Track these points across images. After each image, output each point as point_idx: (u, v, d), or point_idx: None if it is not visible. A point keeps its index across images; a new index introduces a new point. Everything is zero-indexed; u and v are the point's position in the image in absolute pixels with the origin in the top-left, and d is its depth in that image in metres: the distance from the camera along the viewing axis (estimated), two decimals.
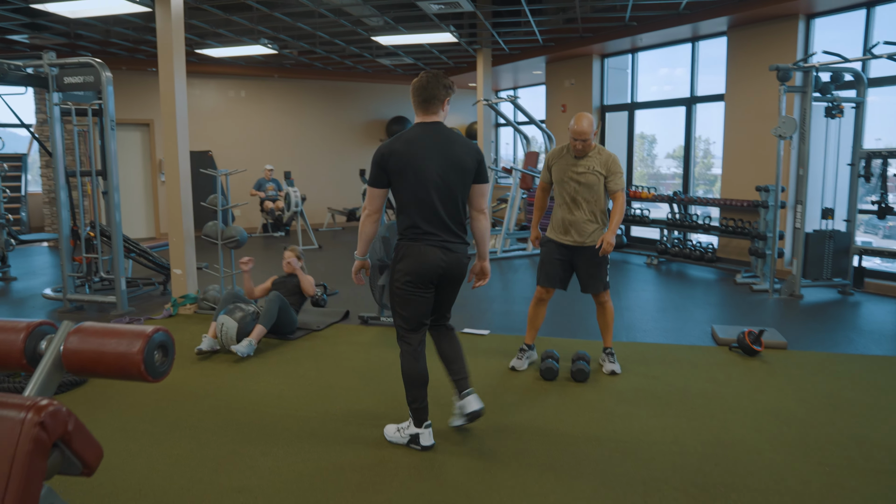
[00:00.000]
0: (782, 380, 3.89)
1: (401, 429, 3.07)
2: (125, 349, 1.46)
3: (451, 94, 2.89)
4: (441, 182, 2.81)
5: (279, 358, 4.37)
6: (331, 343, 4.73)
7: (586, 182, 3.77)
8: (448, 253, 2.86)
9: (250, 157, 11.86)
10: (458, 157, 2.84)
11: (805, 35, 7.09)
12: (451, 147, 2.84)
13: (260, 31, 8.65)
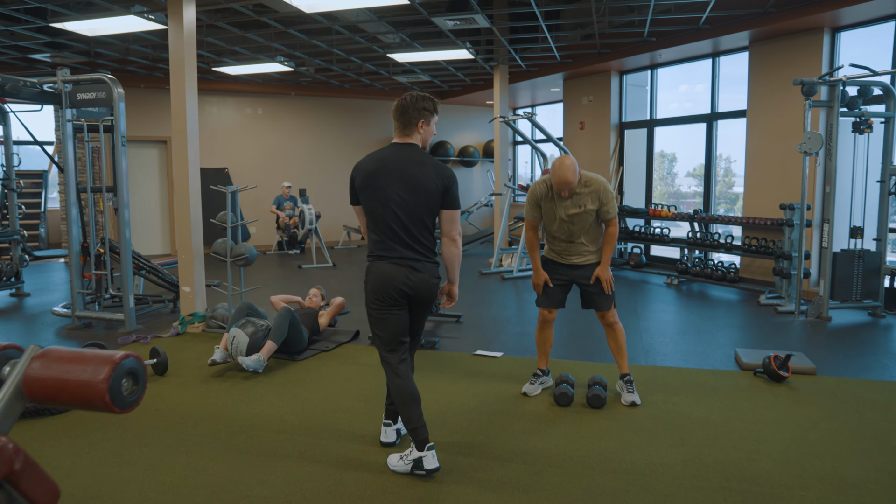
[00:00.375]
0: (812, 408, 3.67)
1: (403, 457, 2.92)
2: (89, 377, 1.33)
3: (427, 117, 2.87)
4: (402, 202, 2.80)
5: (285, 378, 4.24)
6: (339, 364, 4.59)
7: (580, 221, 3.63)
8: (414, 273, 2.83)
9: (266, 175, 11.86)
10: (422, 179, 2.81)
11: (830, 49, 6.90)
12: (416, 169, 2.82)
13: (276, 49, 8.65)
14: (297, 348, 4.77)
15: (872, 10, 6.29)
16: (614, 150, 9.82)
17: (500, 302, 7.01)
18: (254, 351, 4.34)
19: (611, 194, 3.58)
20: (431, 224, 2.90)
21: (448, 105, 13.71)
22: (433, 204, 2.85)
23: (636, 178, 9.97)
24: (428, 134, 2.92)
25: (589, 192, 3.55)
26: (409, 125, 2.86)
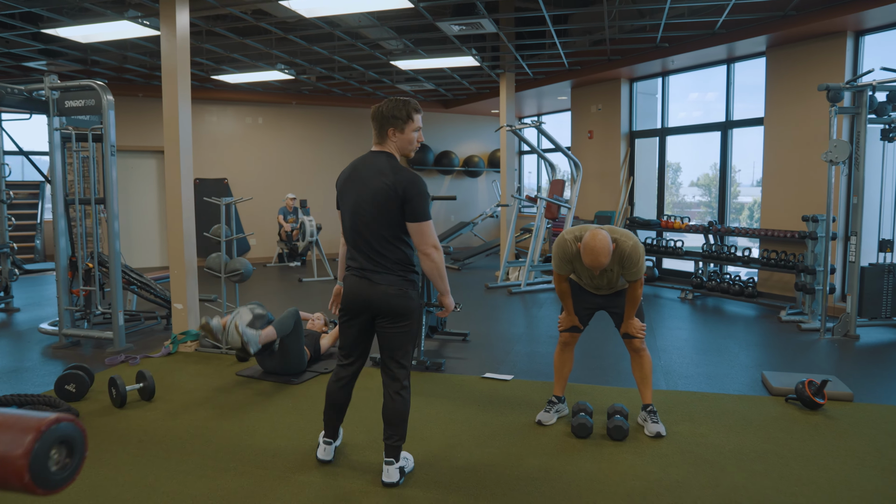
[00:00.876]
0: (855, 441, 3.35)
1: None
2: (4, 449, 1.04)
3: (399, 125, 2.74)
4: (363, 213, 2.75)
5: (280, 406, 3.94)
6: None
7: (611, 278, 3.38)
8: (372, 286, 2.75)
9: (267, 186, 11.60)
10: (381, 190, 2.69)
11: (854, 53, 6.62)
12: (377, 179, 2.71)
13: (276, 56, 8.41)
14: (296, 368, 4.49)
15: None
16: (624, 159, 9.54)
17: (508, 318, 6.70)
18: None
19: (636, 257, 3.22)
20: (395, 236, 2.74)
21: (453, 114, 13.47)
22: (392, 216, 2.71)
23: (647, 189, 9.68)
24: (403, 142, 2.78)
25: (616, 259, 3.25)
26: (381, 133, 2.78)
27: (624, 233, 3.26)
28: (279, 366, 4.46)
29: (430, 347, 5.33)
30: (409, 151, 2.82)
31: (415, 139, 2.80)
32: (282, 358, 4.44)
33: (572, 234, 3.31)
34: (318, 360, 4.83)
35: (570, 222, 8.66)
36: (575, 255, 3.30)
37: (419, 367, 4.67)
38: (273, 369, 4.50)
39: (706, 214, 9.80)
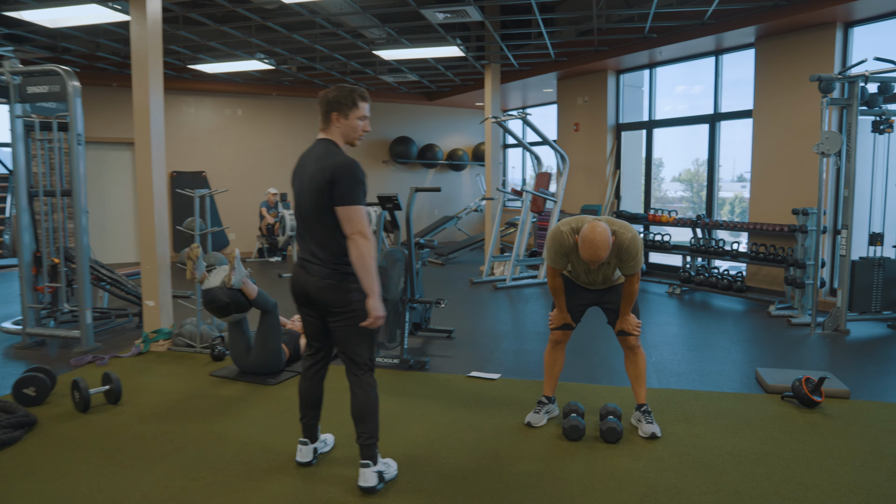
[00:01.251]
0: (856, 441, 3.23)
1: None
2: None
3: (343, 110, 2.65)
4: (303, 201, 2.69)
5: (256, 409, 3.74)
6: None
7: (608, 271, 3.22)
8: (308, 276, 2.68)
9: (247, 178, 11.34)
10: (315, 176, 2.61)
11: (843, 45, 6.51)
12: (313, 165, 2.65)
13: (255, 45, 8.16)
14: (273, 367, 4.29)
15: (889, 3, 5.91)
16: (611, 152, 9.41)
17: (493, 314, 6.54)
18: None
19: (634, 251, 3.05)
20: (333, 224, 2.61)
21: (437, 107, 13.27)
22: (326, 203, 2.59)
23: (633, 182, 9.56)
24: (347, 129, 2.69)
25: (614, 252, 3.08)
26: (325, 118, 2.69)
27: (622, 224, 3.10)
28: (256, 364, 4.27)
29: (414, 345, 5.15)
30: (353, 139, 2.72)
31: (359, 127, 2.70)
32: (259, 355, 4.25)
33: (568, 225, 3.14)
34: (296, 360, 4.63)
35: (557, 216, 8.51)
36: (571, 249, 3.13)
37: (403, 367, 4.49)
38: (250, 368, 4.29)
39: (688, 210, 9.71)
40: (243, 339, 4.34)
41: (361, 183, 2.61)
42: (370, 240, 2.58)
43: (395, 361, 4.52)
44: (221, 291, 4.20)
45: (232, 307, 4.22)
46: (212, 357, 4.70)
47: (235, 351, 4.33)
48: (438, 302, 5.09)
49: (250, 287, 4.28)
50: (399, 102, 12.73)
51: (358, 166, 2.62)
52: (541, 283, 8.29)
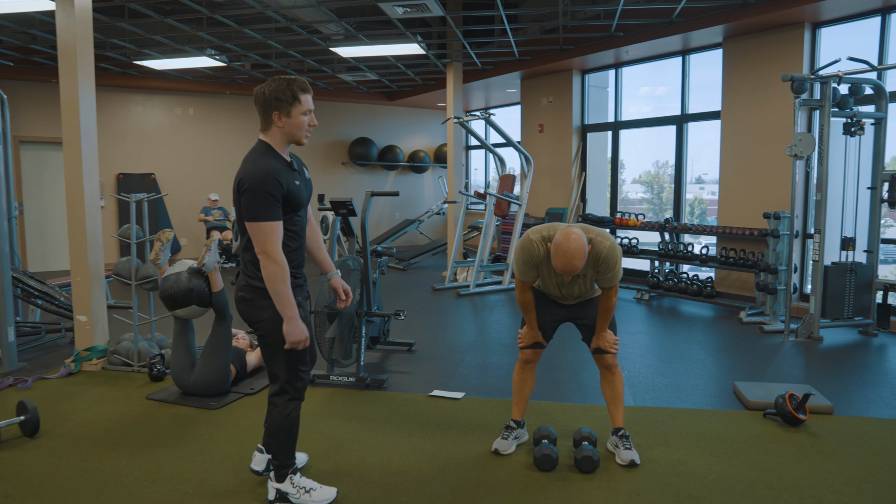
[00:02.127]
0: (847, 465, 3.00)
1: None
2: None
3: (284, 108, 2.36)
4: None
5: (195, 439, 3.35)
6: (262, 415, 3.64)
7: (583, 285, 2.94)
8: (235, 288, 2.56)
9: (199, 181, 10.83)
10: (235, 183, 2.40)
11: (811, 45, 6.40)
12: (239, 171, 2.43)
13: (205, 41, 7.71)
14: (219, 387, 3.91)
15: (856, 4, 5.80)
16: (576, 154, 9.20)
17: (456, 324, 6.23)
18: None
19: (612, 262, 2.78)
20: (247, 235, 2.43)
21: (397, 107, 12.92)
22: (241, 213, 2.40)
23: (599, 185, 9.38)
24: (292, 127, 2.41)
25: (590, 263, 2.80)
26: (265, 118, 2.41)
27: (599, 232, 2.81)
28: (200, 383, 3.88)
29: (372, 360, 4.80)
30: (299, 138, 2.45)
31: (305, 123, 2.42)
32: (204, 371, 3.86)
33: (539, 233, 2.84)
34: (243, 379, 4.24)
35: (521, 220, 8.26)
36: (542, 259, 2.83)
37: (359, 385, 4.15)
38: (192, 388, 3.90)
39: (649, 211, 9.58)
40: (187, 351, 3.95)
41: (270, 197, 2.30)
42: (276, 261, 2.31)
43: (350, 380, 4.17)
44: (184, 277, 3.88)
45: (193, 296, 3.86)
46: (150, 377, 4.28)
47: (177, 366, 3.93)
48: (398, 314, 4.77)
49: (218, 278, 3.99)
50: (358, 102, 12.35)
51: (268, 177, 2.30)
52: (505, 289, 8.02)
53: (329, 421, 3.56)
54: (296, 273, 2.50)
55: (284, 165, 2.42)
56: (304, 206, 2.53)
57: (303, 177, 2.53)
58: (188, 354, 3.94)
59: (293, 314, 2.36)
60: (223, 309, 3.93)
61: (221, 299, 3.94)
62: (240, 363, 4.19)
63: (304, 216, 2.56)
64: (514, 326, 6.04)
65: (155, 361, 4.30)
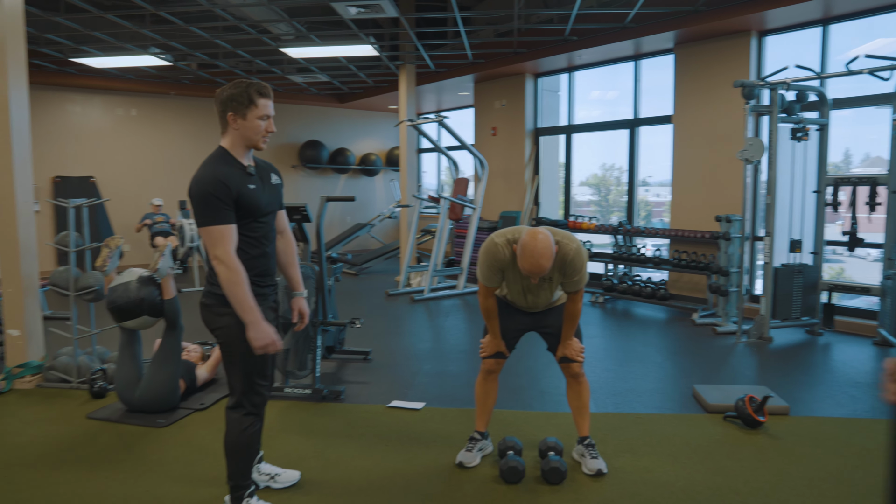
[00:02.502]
0: (806, 465, 3.03)
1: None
2: None
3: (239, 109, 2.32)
4: None
5: (140, 460, 3.15)
6: (216, 430, 3.53)
7: (548, 289, 2.89)
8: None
9: (144, 185, 10.42)
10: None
11: (758, 53, 6.55)
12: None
13: (149, 38, 7.41)
14: (167, 403, 3.70)
15: (799, 14, 5.96)
16: (529, 157, 9.22)
17: (413, 331, 6.12)
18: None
19: (579, 264, 2.72)
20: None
21: (348, 109, 12.74)
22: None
23: (552, 188, 9.42)
24: (247, 130, 2.35)
25: (556, 266, 2.73)
26: (222, 120, 2.36)
27: (565, 234, 2.75)
28: (147, 398, 3.66)
29: (328, 370, 4.66)
30: (256, 142, 2.38)
31: (261, 127, 2.36)
32: (152, 385, 3.65)
33: (503, 236, 2.77)
34: (193, 393, 4.04)
35: (476, 223, 8.22)
36: (508, 263, 2.76)
37: (316, 397, 4.00)
38: (138, 404, 3.68)
39: (596, 214, 9.69)
40: (134, 365, 3.73)
41: (216, 201, 2.24)
42: (228, 265, 2.23)
43: (306, 392, 4.02)
44: (134, 287, 3.66)
45: (144, 306, 3.64)
46: (91, 394, 4.04)
47: (122, 381, 3.71)
48: (353, 322, 4.64)
49: (171, 285, 3.78)
50: (309, 104, 12.12)
51: (214, 181, 2.24)
52: (460, 293, 7.96)
53: (285, 436, 3.42)
54: (259, 282, 2.42)
55: (238, 169, 2.35)
56: (265, 212, 2.43)
57: (264, 183, 2.45)
58: (134, 368, 3.73)
59: (254, 318, 2.27)
60: (175, 318, 3.73)
61: (173, 308, 3.75)
62: (189, 377, 3.99)
63: (268, 223, 2.47)
64: (471, 332, 5.98)
65: (96, 377, 4.06)
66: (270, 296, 2.52)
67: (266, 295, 2.47)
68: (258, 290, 2.40)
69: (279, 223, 2.61)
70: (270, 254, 2.50)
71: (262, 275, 2.45)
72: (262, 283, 2.44)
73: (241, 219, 2.32)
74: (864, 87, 6.01)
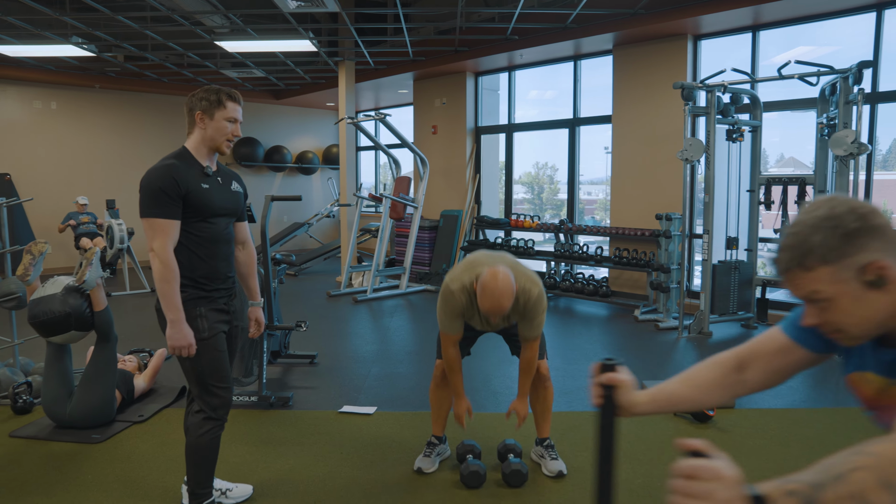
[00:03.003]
0: (757, 458, 3.12)
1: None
2: None
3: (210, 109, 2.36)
4: None
5: (73, 482, 2.93)
6: (156, 444, 3.33)
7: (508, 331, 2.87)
8: None
9: (66, 183, 9.86)
10: None
11: (693, 56, 6.74)
12: None
13: (70, 26, 6.98)
14: (102, 416, 3.48)
15: (732, 20, 6.17)
16: (470, 156, 9.21)
17: (358, 332, 6.00)
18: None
19: (542, 307, 2.65)
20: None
21: (285, 106, 12.44)
22: None
23: (493, 187, 9.45)
24: (214, 130, 2.38)
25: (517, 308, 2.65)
26: (189, 118, 2.41)
27: (529, 277, 2.64)
28: (80, 414, 3.42)
29: (273, 376, 4.50)
30: (219, 144, 2.39)
31: (228, 130, 2.39)
32: (85, 400, 3.41)
33: (459, 282, 2.64)
34: (131, 405, 3.82)
35: (418, 222, 8.15)
36: (466, 306, 2.66)
37: (263, 404, 3.85)
38: (70, 420, 3.43)
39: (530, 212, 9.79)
40: (63, 379, 3.48)
41: (161, 194, 2.23)
42: (162, 260, 2.22)
43: (253, 399, 3.86)
44: (58, 299, 3.38)
45: (72, 320, 3.38)
46: (14, 410, 3.74)
47: (51, 396, 3.46)
48: (300, 325, 4.50)
49: (101, 296, 3.51)
50: (245, 101, 11.69)
51: (163, 174, 2.23)
52: (403, 293, 7.87)
53: (232, 447, 3.26)
54: (204, 285, 2.35)
55: (194, 168, 2.33)
56: (217, 214, 2.39)
57: (221, 186, 2.43)
58: (64, 382, 3.48)
59: (176, 317, 2.25)
60: (107, 330, 3.50)
61: (105, 319, 3.51)
62: (126, 388, 3.76)
63: (219, 226, 2.41)
64: (417, 333, 5.92)
65: (20, 391, 3.77)
66: (219, 299, 2.42)
67: (213, 298, 2.40)
68: (201, 293, 2.35)
69: (241, 234, 2.60)
70: (222, 258, 2.42)
71: (209, 278, 2.38)
72: (207, 287, 2.37)
73: (188, 217, 2.30)
74: (790, 92, 6.29)
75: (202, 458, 2.41)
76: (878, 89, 5.71)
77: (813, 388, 4.26)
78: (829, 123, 5.34)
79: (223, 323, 2.42)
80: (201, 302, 2.34)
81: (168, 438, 3.36)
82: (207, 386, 2.37)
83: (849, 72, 4.91)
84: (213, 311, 2.38)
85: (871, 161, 5.77)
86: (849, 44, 6.75)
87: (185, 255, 2.29)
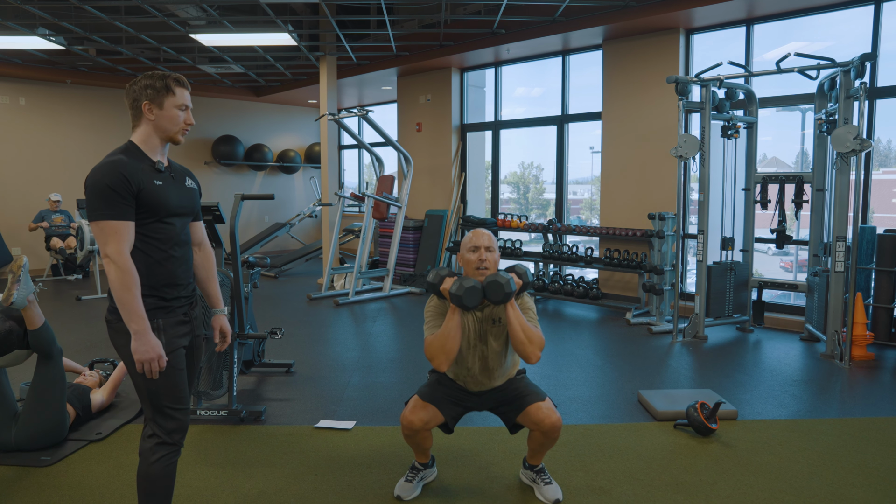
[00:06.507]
0: (764, 475, 2.88)
1: None
2: None
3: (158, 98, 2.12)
4: None
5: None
6: (112, 467, 3.03)
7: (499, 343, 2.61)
8: None
9: (34, 182, 9.49)
10: None
11: (686, 50, 6.53)
12: None
13: (37, 17, 6.65)
14: (52, 437, 3.17)
15: (725, 13, 5.97)
16: (456, 154, 8.96)
17: (338, 338, 5.72)
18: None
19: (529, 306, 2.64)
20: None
21: (265, 104, 12.12)
22: None
23: (479, 186, 9.20)
24: (164, 121, 2.13)
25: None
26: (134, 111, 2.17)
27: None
28: (27, 436, 3.11)
29: (246, 386, 4.21)
30: (174, 134, 2.15)
31: (180, 118, 2.15)
32: (32, 422, 3.11)
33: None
34: (86, 422, 3.52)
35: (401, 222, 7.88)
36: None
37: (233, 419, 3.57)
38: (16, 443, 3.12)
39: (516, 211, 9.57)
40: (4, 402, 3.17)
41: (111, 192, 1.97)
42: (119, 265, 1.96)
43: (222, 414, 3.58)
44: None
45: (14, 340, 3.07)
46: None
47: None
48: (274, 332, 4.22)
49: (35, 313, 3.13)
50: (222, 97, 11.42)
51: (112, 172, 1.97)
52: (386, 296, 7.61)
53: (197, 468, 2.98)
54: (164, 293, 2.09)
55: (145, 164, 2.07)
56: (173, 213, 2.12)
57: (176, 183, 2.16)
58: (5, 405, 3.15)
59: (141, 328, 1.98)
60: (48, 348, 3.16)
61: (43, 337, 3.15)
62: (80, 403, 3.46)
63: (176, 226, 2.15)
64: (400, 338, 5.65)
65: None
66: (180, 308, 2.15)
67: (172, 308, 2.12)
68: (160, 303, 2.08)
69: (196, 235, 2.32)
70: (179, 262, 2.15)
71: (169, 284, 2.11)
72: (167, 296, 2.10)
73: (142, 217, 2.04)
74: (783, 88, 6.10)
75: (155, 489, 2.12)
76: (877, 84, 5.53)
77: (817, 395, 4.05)
78: (828, 119, 5.15)
79: (183, 337, 2.15)
80: (159, 313, 2.07)
81: (126, 460, 3.07)
82: (162, 408, 2.10)
83: (850, 65, 4.72)
84: (172, 323, 2.11)
85: (871, 159, 5.59)
86: (843, 39, 6.60)
87: (142, 260, 2.03)
